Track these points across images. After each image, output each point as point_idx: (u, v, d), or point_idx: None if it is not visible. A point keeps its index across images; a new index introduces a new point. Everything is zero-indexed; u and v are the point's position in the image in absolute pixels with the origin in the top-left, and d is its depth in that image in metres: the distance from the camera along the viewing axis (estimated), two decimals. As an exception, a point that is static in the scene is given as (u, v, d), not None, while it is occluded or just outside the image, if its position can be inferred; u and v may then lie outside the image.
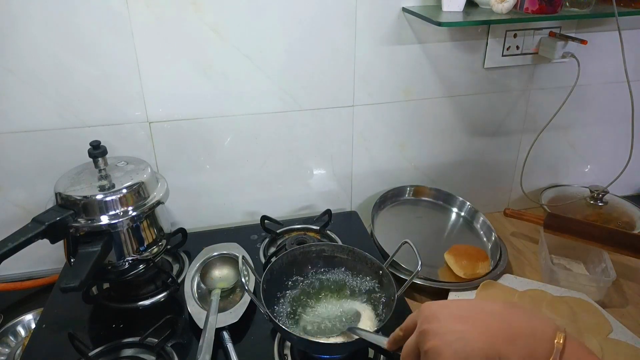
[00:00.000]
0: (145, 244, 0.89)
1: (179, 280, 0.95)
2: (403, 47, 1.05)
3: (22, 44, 0.88)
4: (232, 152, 1.08)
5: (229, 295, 0.93)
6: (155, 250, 0.91)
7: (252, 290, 0.84)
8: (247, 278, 0.77)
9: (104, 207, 0.81)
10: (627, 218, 1.18)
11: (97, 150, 0.85)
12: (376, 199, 1.16)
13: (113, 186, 0.84)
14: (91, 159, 0.86)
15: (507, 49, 1.10)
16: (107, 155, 0.87)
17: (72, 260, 0.81)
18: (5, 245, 0.73)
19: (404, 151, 1.18)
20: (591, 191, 1.24)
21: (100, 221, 0.81)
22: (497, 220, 1.23)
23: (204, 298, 0.90)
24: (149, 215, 0.88)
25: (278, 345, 0.82)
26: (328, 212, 1.12)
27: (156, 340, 0.80)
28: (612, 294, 0.99)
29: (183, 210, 1.12)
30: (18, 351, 0.89)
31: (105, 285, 0.95)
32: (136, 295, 0.92)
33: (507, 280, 0.99)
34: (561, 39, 1.06)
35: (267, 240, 1.09)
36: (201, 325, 0.82)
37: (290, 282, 0.85)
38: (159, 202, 0.89)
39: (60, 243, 0.82)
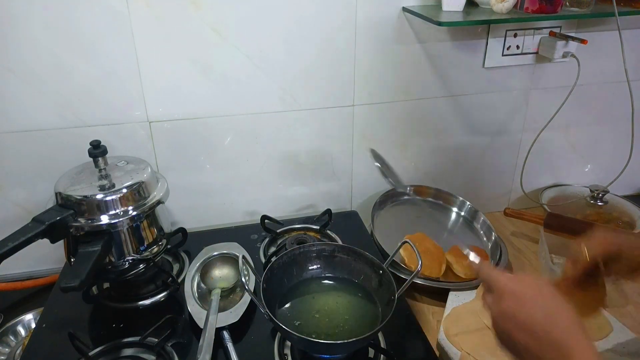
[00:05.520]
0: (146, 243, 0.89)
1: (179, 280, 0.95)
2: (403, 46, 1.05)
3: (22, 43, 0.88)
4: (232, 151, 1.08)
5: (229, 294, 0.93)
6: (156, 249, 0.91)
7: (252, 289, 0.84)
8: (247, 278, 0.77)
9: (104, 207, 0.81)
10: (628, 218, 1.18)
11: (97, 150, 0.85)
12: (376, 198, 1.16)
13: (113, 186, 0.84)
14: (91, 159, 0.86)
15: (507, 49, 1.10)
16: (107, 155, 0.87)
17: (72, 259, 0.81)
18: (5, 244, 0.73)
19: (404, 151, 1.18)
20: (591, 191, 1.24)
21: (101, 221, 0.81)
22: (497, 220, 1.23)
23: (204, 298, 0.90)
24: (149, 214, 0.88)
25: (278, 344, 0.82)
26: (328, 211, 1.12)
27: (156, 340, 0.80)
28: (612, 293, 0.98)
29: (183, 210, 1.12)
30: (18, 351, 0.89)
31: (106, 285, 0.95)
32: (136, 295, 0.92)
33: (507, 279, 0.99)
34: (561, 38, 1.06)
35: (267, 239, 1.09)
36: (201, 325, 0.82)
37: (290, 282, 0.85)
38: (159, 202, 0.89)
39: (61, 243, 0.82)
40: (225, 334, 0.82)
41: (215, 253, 0.98)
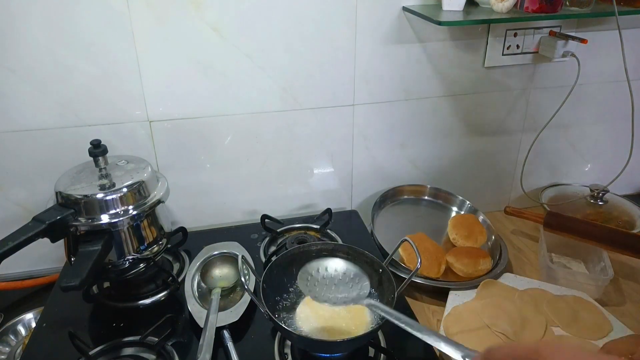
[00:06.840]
0: (146, 243, 0.89)
1: (180, 279, 0.95)
2: (403, 46, 1.05)
3: (22, 43, 0.88)
4: (233, 151, 1.08)
5: (230, 294, 0.93)
6: (156, 249, 0.91)
7: (252, 289, 0.84)
8: (247, 277, 0.77)
9: (104, 206, 0.81)
10: (627, 217, 1.18)
11: (97, 149, 0.85)
12: (376, 198, 1.16)
13: (113, 185, 0.84)
14: (91, 158, 0.86)
15: (508, 48, 1.10)
16: (107, 154, 0.87)
17: (72, 259, 0.81)
18: (5, 244, 0.73)
19: (404, 150, 1.18)
20: (591, 190, 1.24)
21: (101, 220, 0.81)
22: (497, 219, 1.23)
23: (204, 297, 0.91)
24: (150, 214, 0.88)
25: (278, 344, 0.82)
26: (328, 211, 1.12)
27: (156, 339, 0.80)
28: (611, 292, 0.99)
29: (183, 209, 1.12)
30: (18, 350, 0.89)
31: (106, 284, 0.95)
32: (136, 294, 0.92)
33: (508, 279, 0.99)
34: (561, 38, 1.06)
35: (267, 239, 1.09)
36: (201, 324, 0.82)
37: (290, 281, 0.85)
38: (159, 201, 0.89)
39: (61, 242, 0.82)
40: (226, 333, 0.82)
41: (216, 252, 0.98)
